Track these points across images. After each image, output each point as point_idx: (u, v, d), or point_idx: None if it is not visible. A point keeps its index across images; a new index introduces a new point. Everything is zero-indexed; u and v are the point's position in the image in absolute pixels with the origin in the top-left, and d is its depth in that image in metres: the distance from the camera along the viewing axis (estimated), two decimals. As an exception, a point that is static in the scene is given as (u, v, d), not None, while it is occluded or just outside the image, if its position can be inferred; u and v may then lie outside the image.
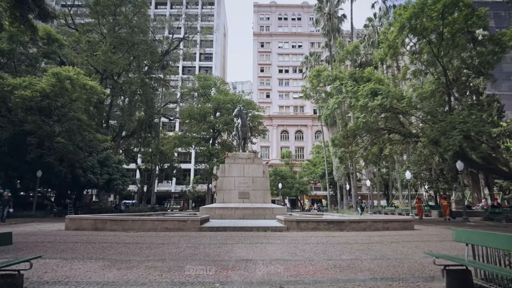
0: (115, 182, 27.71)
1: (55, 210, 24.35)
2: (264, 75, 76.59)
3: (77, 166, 24.86)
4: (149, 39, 33.86)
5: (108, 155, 27.67)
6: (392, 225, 13.34)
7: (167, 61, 41.52)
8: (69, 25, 34.76)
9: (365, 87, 16.52)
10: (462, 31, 18.19)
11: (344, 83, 17.76)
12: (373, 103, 15.66)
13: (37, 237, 10.16)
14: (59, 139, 20.51)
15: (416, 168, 42.09)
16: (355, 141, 19.70)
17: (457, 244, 8.43)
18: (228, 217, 17.48)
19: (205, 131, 41.54)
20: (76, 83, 21.53)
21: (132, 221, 12.86)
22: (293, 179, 51.93)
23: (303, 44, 77.17)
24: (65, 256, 6.61)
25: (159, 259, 6.44)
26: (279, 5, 79.61)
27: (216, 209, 17.93)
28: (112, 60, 30.46)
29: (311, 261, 6.24)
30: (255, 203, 18.72)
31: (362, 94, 16.34)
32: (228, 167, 19.45)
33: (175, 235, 11.13)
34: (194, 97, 46.09)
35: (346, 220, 13.40)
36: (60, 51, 27.66)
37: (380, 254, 7.10)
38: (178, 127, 65.67)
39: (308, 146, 70.41)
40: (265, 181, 19.26)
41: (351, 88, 16.97)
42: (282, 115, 73.46)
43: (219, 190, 19.27)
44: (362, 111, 16.41)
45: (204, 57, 78.16)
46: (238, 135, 20.73)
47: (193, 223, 12.64)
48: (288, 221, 12.87)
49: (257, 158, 19.94)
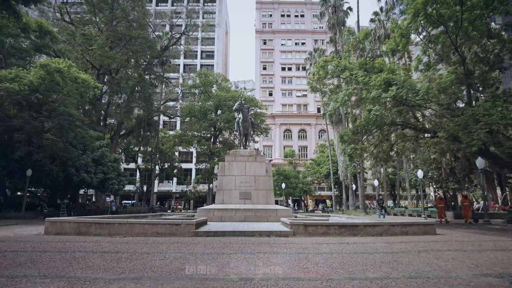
0: (110, 181, 26.42)
1: (45, 211, 23.08)
2: (266, 73, 75.20)
3: (69, 164, 23.59)
4: (147, 34, 32.51)
5: (103, 153, 26.36)
6: (412, 229, 11.87)
7: (166, 57, 40.19)
8: (65, 19, 33.55)
9: (377, 77, 15.06)
10: (482, 17, 16.71)
11: (354, 73, 16.30)
12: (387, 94, 14.20)
13: (3, 244, 8.81)
14: (47, 136, 19.20)
15: (425, 167, 40.57)
16: (365, 138, 18.21)
17: (508, 255, 7.00)
18: (228, 220, 16.08)
19: (206, 129, 40.17)
20: (67, 76, 20.23)
21: (119, 225, 11.50)
22: (297, 179, 50.46)
23: (306, 41, 75.65)
24: (15, 273, 5.23)
25: (134, 277, 5.04)
26: (282, 2, 78.20)
27: (215, 210, 16.53)
28: (109, 54, 29.20)
29: (329, 281, 4.82)
30: (257, 204, 17.32)
31: (375, 85, 14.88)
32: (228, 165, 18.05)
33: (166, 241, 9.76)
34: (195, 94, 44.77)
35: (359, 223, 11.95)
36: (53, 44, 26.40)
37: (413, 269, 5.66)
38: (179, 126, 64.39)
39: (312, 145, 68.93)
40: (268, 180, 17.84)
41: (362, 79, 15.48)
42: (285, 114, 72.03)
43: (218, 190, 17.87)
44: (375, 104, 14.94)
45: (206, 55, 76.97)
46: (239, 131, 19.33)
47: (187, 227, 11.25)
48: (294, 225, 11.45)
49: (259, 156, 18.53)
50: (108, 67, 32.40)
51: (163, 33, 42.65)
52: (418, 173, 23.41)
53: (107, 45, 29.58)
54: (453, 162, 36.47)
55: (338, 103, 16.27)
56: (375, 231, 11.69)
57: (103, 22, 31.98)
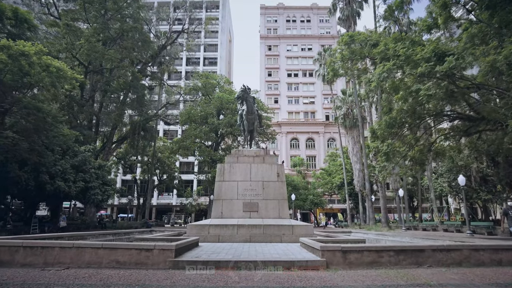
0: (92, 191, 22.57)
1: (9, 226, 19.22)
2: (271, 79, 72.00)
3: (43, 171, 19.89)
4: (141, 26, 29.32)
5: (86, 158, 22.66)
6: (507, 257, 7.77)
7: (164, 57, 37.01)
8: (52, 14, 30.62)
9: (425, 48, 11.34)
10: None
11: (391, 46, 12.59)
12: (443, 66, 10.41)
13: None
14: (7, 134, 15.57)
15: (452, 176, 36.19)
16: (405, 131, 14.26)
17: None
18: (227, 239, 12.05)
19: (207, 135, 36.39)
20: (36, 62, 16.75)
21: (60, 249, 7.60)
22: (307, 190, 46.12)
23: (313, 47, 72.56)
24: None
25: None
26: (287, 7, 75.77)
27: (211, 227, 12.52)
28: (98, 49, 25.94)
29: None
30: (266, 218, 13.29)
31: (423, 57, 11.13)
32: (229, 168, 14.13)
33: (126, 279, 5.83)
34: (196, 98, 41.36)
35: (425, 247, 7.89)
36: (31, 34, 23.21)
37: None
38: (180, 134, 60.89)
39: (321, 155, 64.77)
40: (280, 186, 13.86)
41: (404, 51, 11.74)
42: (292, 122, 68.28)
43: (216, 200, 13.89)
44: (423, 82, 11.15)
45: (208, 61, 74.35)
46: (243, 126, 15.49)
47: (162, 254, 7.31)
48: (327, 251, 7.44)
49: (268, 156, 14.61)
50: (100, 66, 29.17)
51: (162, 33, 39.68)
52: (459, 179, 19.19)
53: (95, 38, 26.39)
54: (487, 169, 32.14)
55: (373, 82, 12.40)
56: (449, 259, 7.63)
57: (94, 15, 28.89)
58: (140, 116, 35.10)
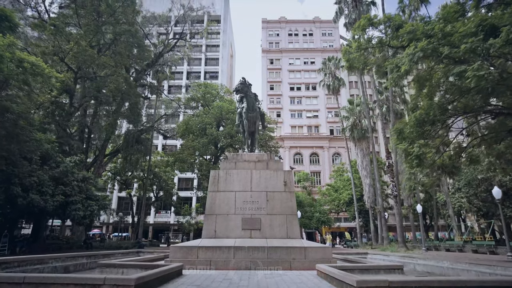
0: (73, 206, 19.89)
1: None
2: (274, 93, 70.37)
3: (15, 182, 17.41)
4: (134, 29, 27.57)
5: (67, 169, 20.17)
6: None
7: (161, 65, 35.21)
8: (43, 19, 29.04)
9: (468, 23, 9.06)
10: None
11: (421, 25, 10.32)
12: (496, 40, 8.10)
13: None
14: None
15: (472, 190, 33.26)
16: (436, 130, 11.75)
17: None
18: (221, 266, 9.31)
19: (205, 147, 33.93)
20: (8, 56, 14.64)
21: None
22: (312, 207, 43.06)
23: (315, 60, 71.29)
24: None
25: None
26: (289, 21, 75.25)
27: (200, 249, 9.79)
28: (88, 53, 24.05)
29: None
30: (271, 238, 10.57)
31: (466, 33, 8.84)
32: (224, 176, 11.54)
33: None
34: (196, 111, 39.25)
35: None
36: (13, 34, 21.31)
37: None
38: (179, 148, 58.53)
39: (326, 170, 61.99)
40: (288, 198, 11.20)
41: (440, 26, 9.44)
42: (295, 136, 65.93)
43: (208, 215, 11.20)
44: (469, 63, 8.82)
45: (209, 75, 73.07)
46: (243, 126, 13.03)
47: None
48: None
49: (273, 161, 12.05)
50: (92, 73, 27.23)
51: (159, 41, 38.11)
52: (494, 190, 16.44)
53: (86, 42, 24.56)
54: (510, 183, 29.34)
55: (404, 65, 10.00)
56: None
57: (85, 22, 27.19)
58: (135, 126, 32.91)
